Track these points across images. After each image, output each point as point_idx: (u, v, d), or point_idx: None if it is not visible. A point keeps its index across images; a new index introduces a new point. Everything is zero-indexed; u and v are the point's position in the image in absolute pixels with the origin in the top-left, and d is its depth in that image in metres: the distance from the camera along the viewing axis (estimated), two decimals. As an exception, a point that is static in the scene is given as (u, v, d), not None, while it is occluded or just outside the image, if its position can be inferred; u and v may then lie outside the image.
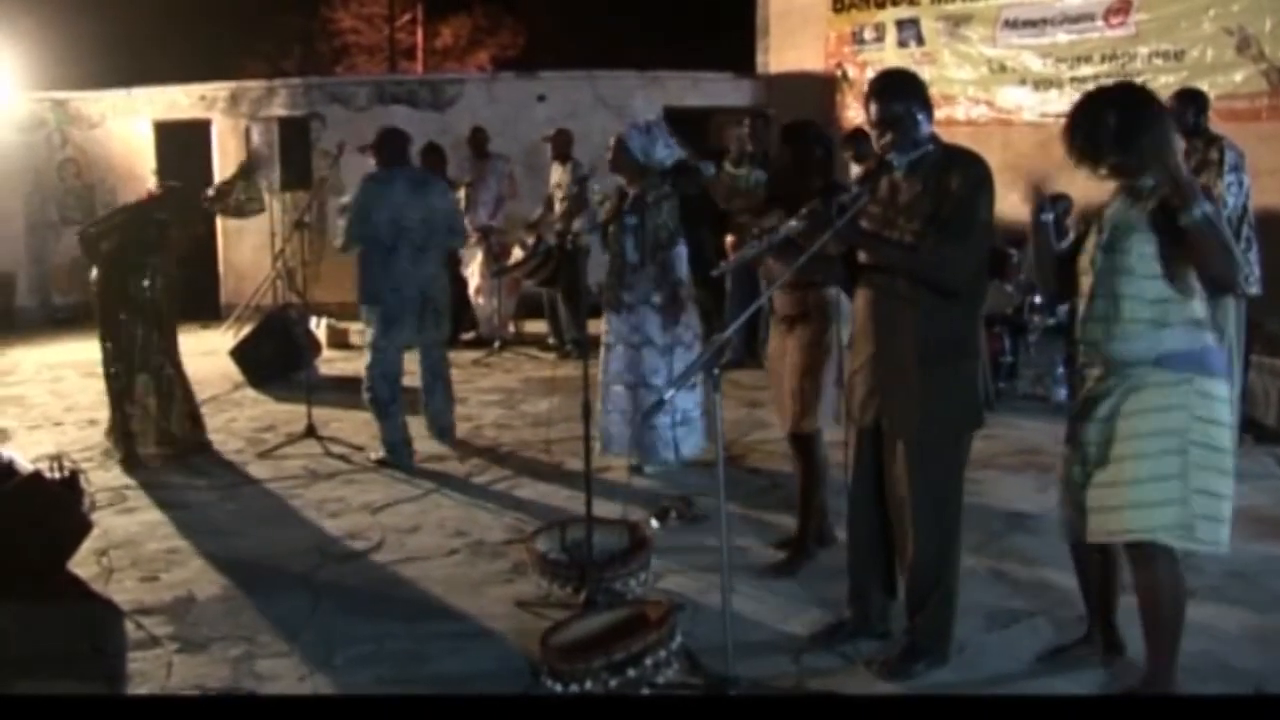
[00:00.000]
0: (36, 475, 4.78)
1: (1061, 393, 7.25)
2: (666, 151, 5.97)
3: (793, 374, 4.62)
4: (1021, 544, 4.88)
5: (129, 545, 5.17)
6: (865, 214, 3.68)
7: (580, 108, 11.90)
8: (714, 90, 12.51)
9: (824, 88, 11.68)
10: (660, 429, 5.94)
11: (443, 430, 6.88)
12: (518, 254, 8.59)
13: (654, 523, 5.18)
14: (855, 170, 7.64)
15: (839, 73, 11.62)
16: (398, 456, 6.40)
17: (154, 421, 6.52)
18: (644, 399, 5.85)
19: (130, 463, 6.42)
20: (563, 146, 9.71)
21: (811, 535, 4.74)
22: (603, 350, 6.08)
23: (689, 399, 6.02)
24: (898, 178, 3.67)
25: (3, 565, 4.44)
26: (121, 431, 6.50)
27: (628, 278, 5.95)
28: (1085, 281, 3.42)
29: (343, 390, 8.20)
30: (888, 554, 3.85)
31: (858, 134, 7.87)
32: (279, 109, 12.02)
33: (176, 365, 6.61)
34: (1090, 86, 3.72)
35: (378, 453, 6.47)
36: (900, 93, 3.65)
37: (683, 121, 9.21)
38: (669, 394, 3.90)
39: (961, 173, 3.55)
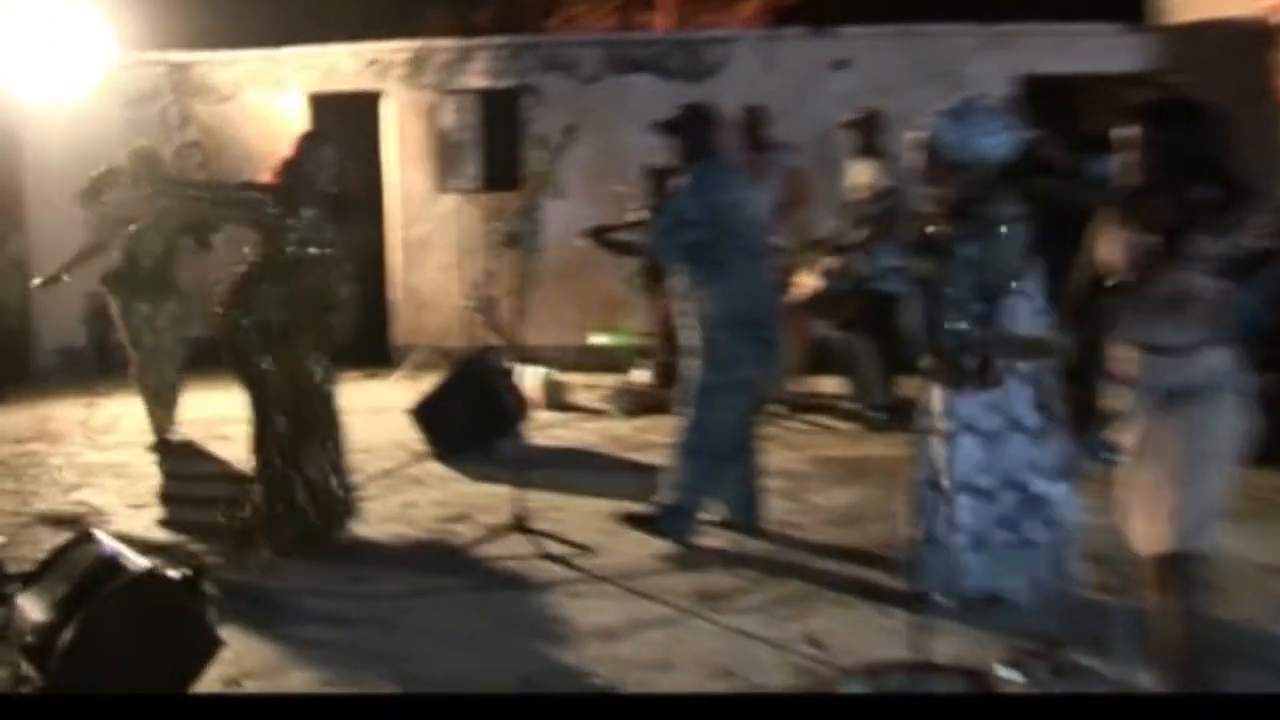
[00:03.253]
0: (149, 574, 5.07)
1: None
2: (993, 140, 5.83)
3: (1174, 472, 4.59)
4: None
5: (268, 673, 5.48)
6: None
7: (895, 78, 12.03)
8: (1089, 50, 12.36)
9: (1252, 43, 11.40)
10: (1021, 545, 5.97)
11: (749, 506, 7.21)
12: (808, 283, 8.74)
13: (1009, 673, 5.22)
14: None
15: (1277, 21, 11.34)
16: (680, 524, 6.87)
17: (307, 503, 7.04)
18: (1011, 508, 5.91)
19: (270, 560, 6.90)
20: (869, 134, 9.83)
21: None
22: (933, 441, 5.89)
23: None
24: None
25: (106, 692, 4.71)
26: (265, 520, 7.02)
27: (960, 336, 5.75)
28: None
29: (563, 466, 8.53)
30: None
31: None
32: (477, 78, 12.74)
33: (335, 433, 7.14)
34: None
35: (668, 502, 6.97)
36: None
37: (1045, 95, 9.16)
38: (1054, 488, 3.92)
39: None
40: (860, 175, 9.83)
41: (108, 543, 5.28)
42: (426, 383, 9.99)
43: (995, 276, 5.74)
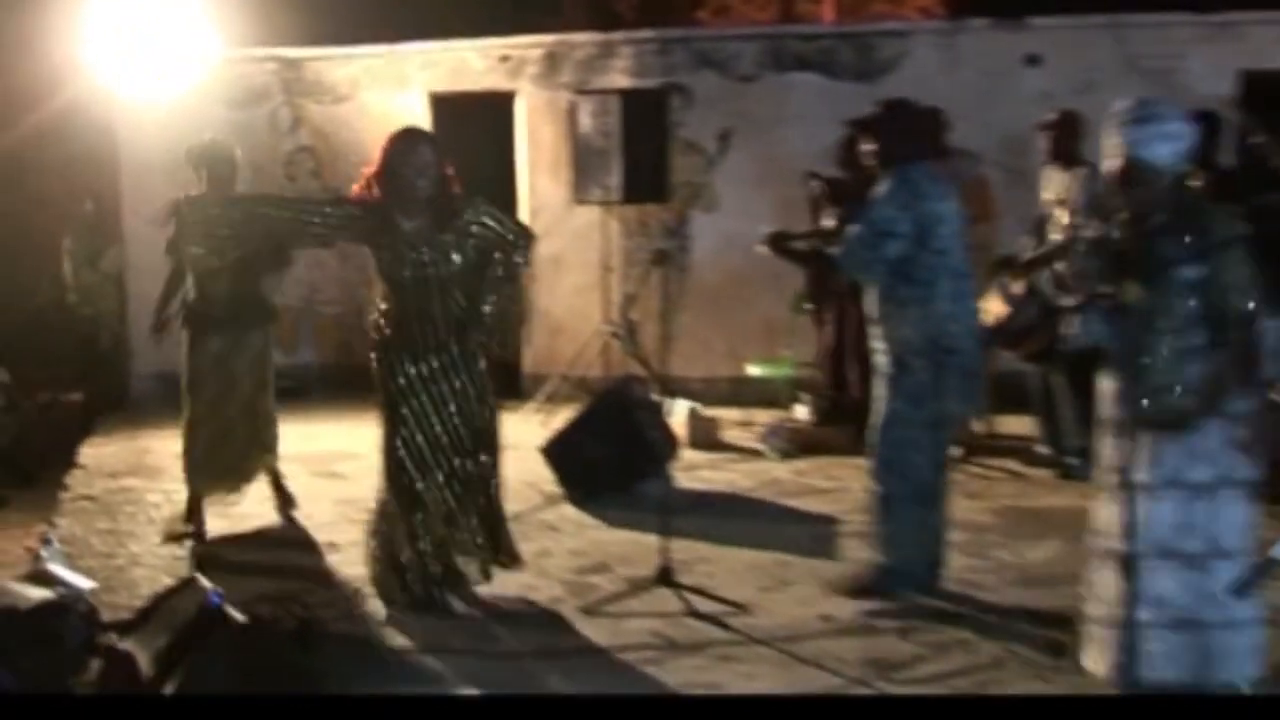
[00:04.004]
0: (256, 625, 5.18)
1: None
2: (1169, 149, 5.55)
3: None
4: None
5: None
6: None
7: (1097, 75, 11.80)
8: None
9: None
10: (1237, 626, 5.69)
11: (930, 562, 7.09)
12: (993, 309, 8.56)
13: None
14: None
15: None
16: (901, 581, 6.84)
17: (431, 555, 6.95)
18: (1217, 579, 5.58)
19: (387, 612, 6.87)
20: (1067, 139, 9.63)
21: None
22: (1120, 498, 5.68)
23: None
24: None
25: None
26: (390, 565, 6.96)
27: (1177, 371, 5.58)
28: None
29: (713, 513, 8.47)
30: None
31: None
32: (619, 77, 12.73)
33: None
34: None
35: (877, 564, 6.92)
36: None
37: (1270, 94, 8.91)
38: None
39: None
40: (1056, 187, 9.61)
41: (212, 589, 5.27)
42: (561, 417, 9.99)
43: (1225, 301, 5.49)
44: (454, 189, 6.81)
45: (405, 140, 6.79)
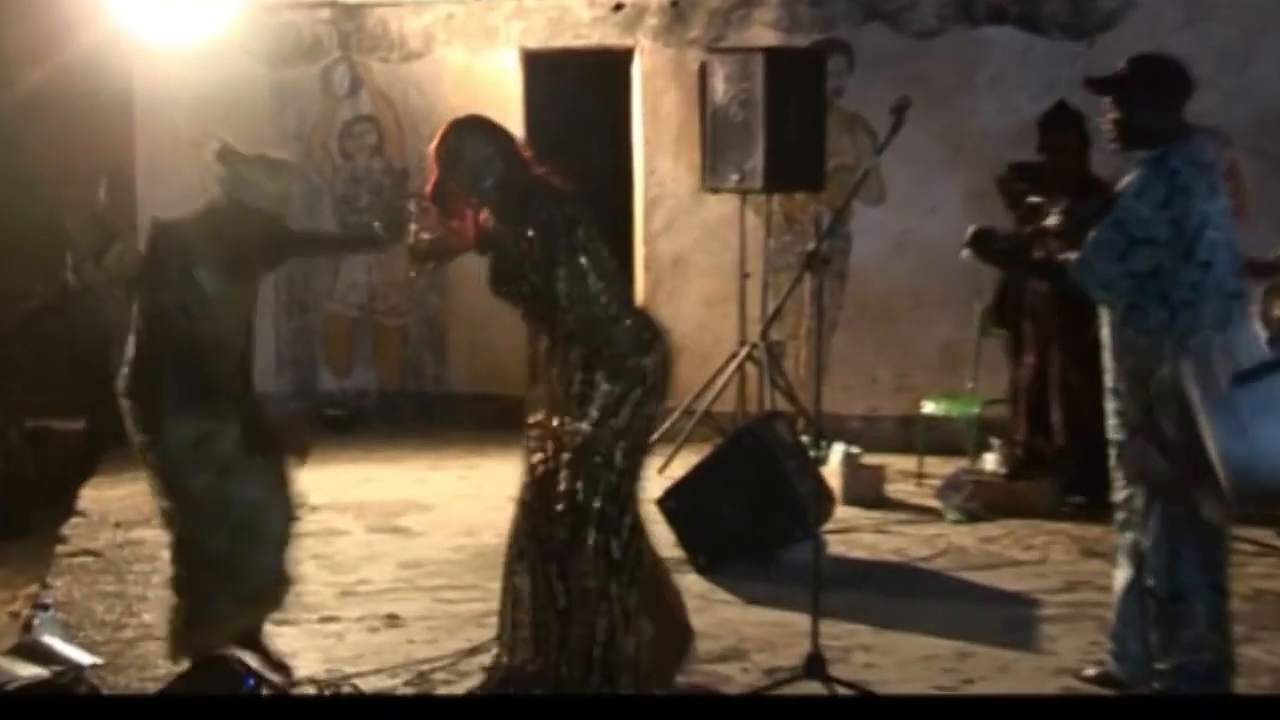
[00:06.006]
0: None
1: None
2: None
3: None
4: None
5: None
6: None
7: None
8: None
9: None
10: None
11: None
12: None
13: None
14: None
15: None
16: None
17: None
18: None
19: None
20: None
21: None
22: None
23: None
24: None
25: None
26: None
27: None
28: None
29: (876, 588, 8.62)
30: None
31: None
32: (765, 32, 12.83)
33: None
34: None
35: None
36: None
37: None
38: None
39: None
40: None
41: (247, 668, 5.40)
42: (684, 462, 10.05)
43: None
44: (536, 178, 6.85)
45: (459, 131, 6.79)
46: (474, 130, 6.77)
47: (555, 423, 6.65)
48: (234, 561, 7.06)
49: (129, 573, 9.21)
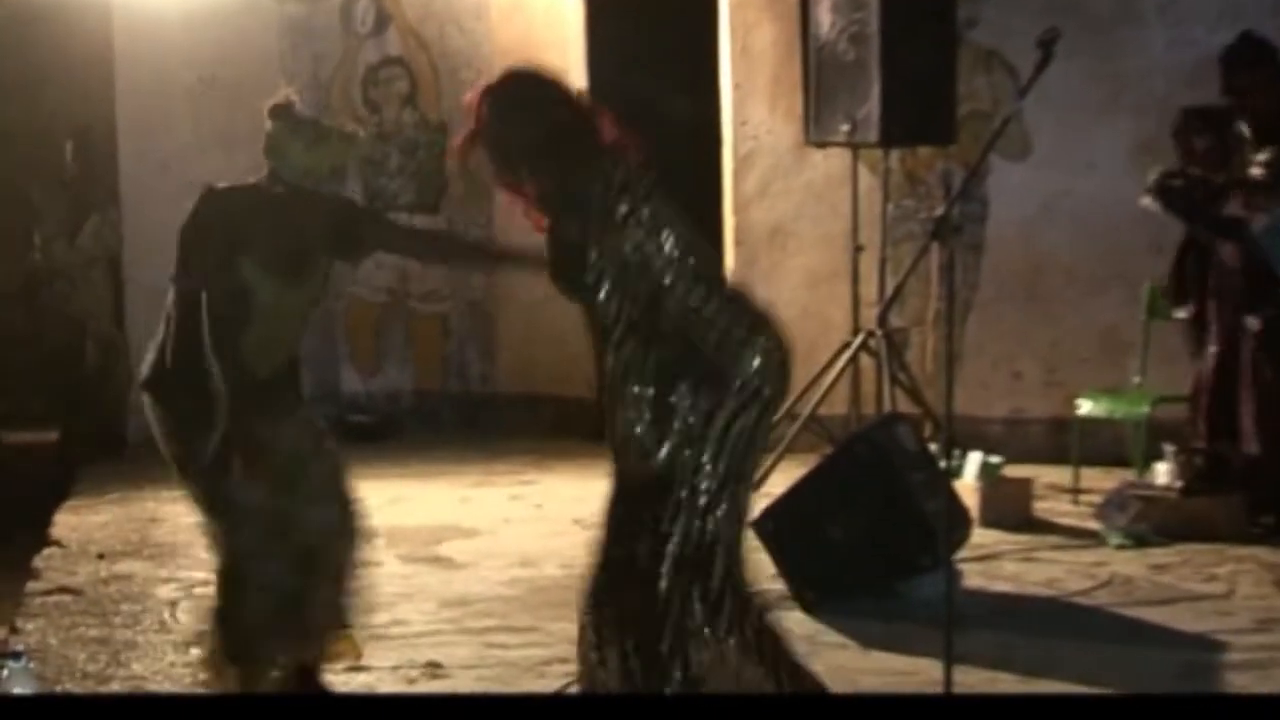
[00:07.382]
0: None
1: None
2: None
3: None
4: None
5: None
6: None
7: None
8: None
9: None
10: None
11: None
12: None
13: None
14: None
15: None
16: None
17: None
18: None
19: None
20: None
21: None
22: None
23: None
24: None
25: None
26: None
27: None
28: None
29: (1024, 626, 8.57)
30: None
31: None
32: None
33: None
34: None
35: None
36: None
37: None
38: None
39: None
40: None
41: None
42: (786, 475, 9.98)
43: None
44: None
45: (495, 94, 6.52)
46: (526, 85, 6.55)
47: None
48: (290, 592, 7.11)
49: (115, 614, 9.22)
